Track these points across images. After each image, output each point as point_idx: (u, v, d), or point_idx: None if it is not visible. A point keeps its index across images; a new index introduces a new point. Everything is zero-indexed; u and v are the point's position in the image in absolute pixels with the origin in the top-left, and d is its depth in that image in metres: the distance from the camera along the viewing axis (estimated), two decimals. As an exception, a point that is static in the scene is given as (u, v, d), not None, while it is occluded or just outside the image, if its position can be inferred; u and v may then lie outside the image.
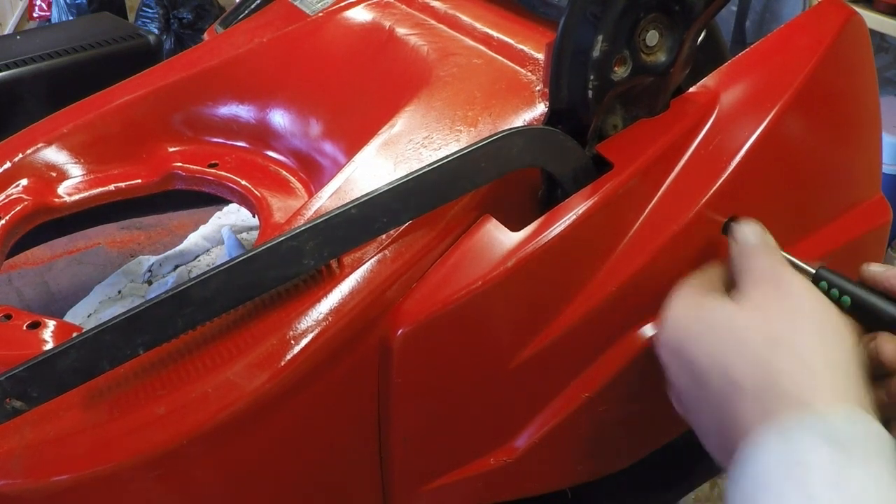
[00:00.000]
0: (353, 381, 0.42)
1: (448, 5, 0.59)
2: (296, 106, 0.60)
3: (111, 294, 0.80)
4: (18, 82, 0.87)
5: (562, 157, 0.45)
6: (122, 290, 0.80)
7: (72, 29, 1.03)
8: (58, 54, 0.90)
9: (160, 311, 0.38)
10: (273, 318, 0.41)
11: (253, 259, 0.39)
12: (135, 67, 0.66)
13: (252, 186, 0.57)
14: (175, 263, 0.83)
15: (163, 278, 0.82)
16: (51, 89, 0.88)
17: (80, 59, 0.91)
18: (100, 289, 0.81)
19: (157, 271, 0.83)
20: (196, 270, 0.82)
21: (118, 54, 0.94)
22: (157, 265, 0.83)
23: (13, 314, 0.49)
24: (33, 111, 0.85)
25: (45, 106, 0.86)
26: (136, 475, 0.38)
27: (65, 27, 1.18)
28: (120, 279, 0.82)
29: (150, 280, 0.82)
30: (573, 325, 0.45)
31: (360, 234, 0.41)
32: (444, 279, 0.43)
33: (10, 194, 0.57)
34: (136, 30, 0.98)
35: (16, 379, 0.37)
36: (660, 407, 0.50)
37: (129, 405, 0.39)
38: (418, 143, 0.47)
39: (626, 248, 0.45)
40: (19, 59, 0.88)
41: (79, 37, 0.94)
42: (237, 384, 0.39)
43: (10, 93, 0.87)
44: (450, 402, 0.45)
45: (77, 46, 0.92)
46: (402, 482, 0.45)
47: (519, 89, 0.49)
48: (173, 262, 0.83)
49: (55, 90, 0.88)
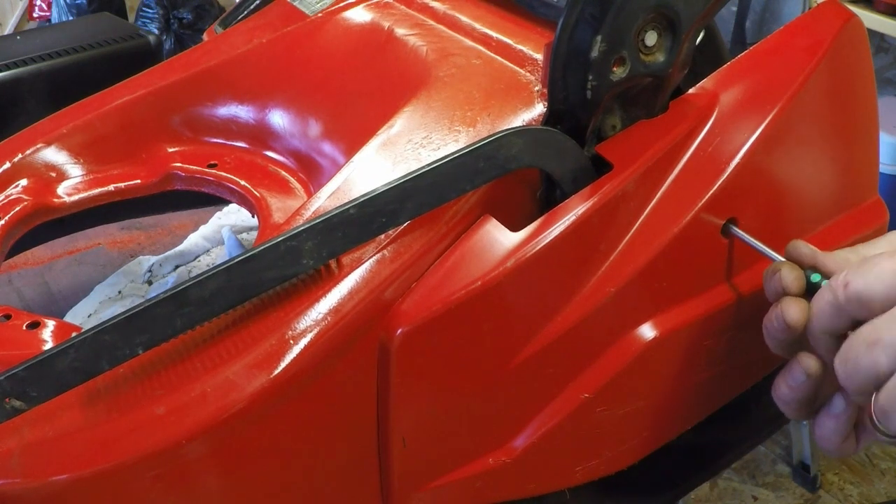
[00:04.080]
0: (351, 382, 0.42)
1: (447, 6, 0.59)
2: (295, 106, 0.60)
3: (111, 294, 0.80)
4: (18, 82, 0.87)
5: (561, 158, 0.45)
6: (122, 291, 0.80)
7: (72, 29, 1.03)
8: (58, 54, 0.90)
9: (159, 310, 0.38)
10: (272, 318, 0.41)
11: (252, 259, 0.40)
12: (135, 67, 0.66)
13: (251, 187, 0.57)
14: (175, 264, 0.83)
15: (163, 278, 0.82)
16: (51, 89, 0.88)
17: (80, 59, 0.91)
18: (100, 289, 0.81)
19: (157, 271, 0.83)
20: (196, 271, 0.82)
21: (118, 54, 0.93)
22: (157, 265, 0.83)
23: (12, 314, 0.49)
24: (33, 111, 0.86)
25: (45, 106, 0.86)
26: (135, 475, 0.38)
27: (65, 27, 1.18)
28: (120, 279, 0.82)
29: (150, 280, 0.82)
30: (572, 326, 0.45)
31: (359, 234, 0.41)
32: (443, 279, 0.43)
33: (9, 194, 0.57)
34: (136, 30, 0.98)
35: (15, 378, 0.37)
36: (658, 407, 0.50)
37: (128, 405, 0.39)
38: (417, 143, 0.47)
39: (625, 249, 0.45)
40: (19, 59, 0.88)
41: (79, 37, 0.94)
42: (236, 384, 0.39)
43: (10, 93, 0.87)
44: (449, 403, 0.45)
45: (77, 46, 0.92)
46: (400, 482, 0.45)
47: (518, 89, 0.49)
48: (173, 263, 0.83)
49: (55, 90, 0.88)
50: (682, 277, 0.48)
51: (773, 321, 0.42)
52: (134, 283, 0.82)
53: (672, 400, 0.50)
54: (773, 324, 0.42)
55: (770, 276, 0.43)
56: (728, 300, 0.49)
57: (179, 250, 0.84)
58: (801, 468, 1.23)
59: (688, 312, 0.48)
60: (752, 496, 1.27)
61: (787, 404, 0.43)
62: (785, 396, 0.43)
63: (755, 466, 1.34)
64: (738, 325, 0.50)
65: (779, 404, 0.44)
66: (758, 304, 0.45)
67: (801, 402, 0.43)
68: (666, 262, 0.46)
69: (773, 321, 0.42)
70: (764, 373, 0.54)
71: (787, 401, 0.43)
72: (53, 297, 0.80)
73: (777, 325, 0.41)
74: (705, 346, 0.49)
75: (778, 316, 0.41)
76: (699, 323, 0.48)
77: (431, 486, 0.46)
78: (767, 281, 0.43)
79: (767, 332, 0.43)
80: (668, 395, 0.50)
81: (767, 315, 0.43)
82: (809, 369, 0.41)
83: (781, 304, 0.41)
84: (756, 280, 0.46)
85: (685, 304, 0.48)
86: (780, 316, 0.41)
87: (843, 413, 0.41)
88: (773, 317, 0.42)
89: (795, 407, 0.43)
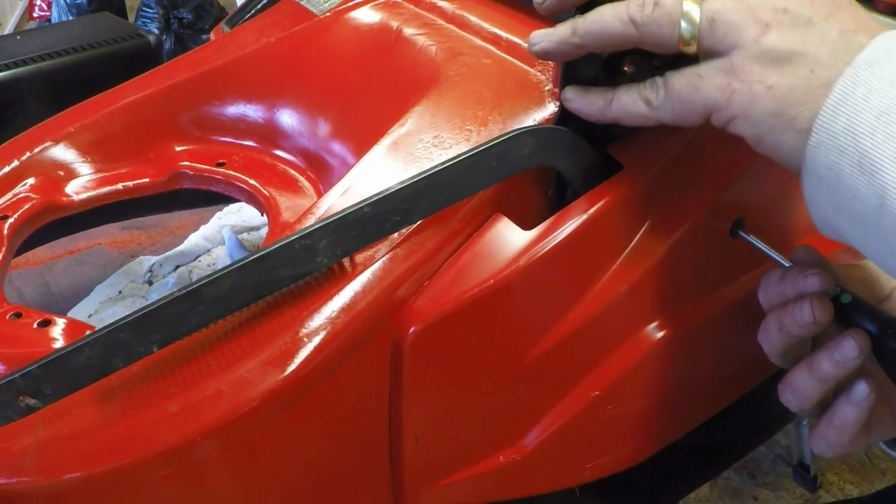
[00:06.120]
0: (364, 379, 0.42)
1: (455, 5, 0.59)
2: (304, 105, 0.60)
3: (111, 294, 0.80)
4: (18, 82, 0.87)
5: (572, 157, 0.45)
6: (122, 291, 0.80)
7: (72, 29, 1.03)
8: (58, 54, 0.90)
9: (174, 308, 0.38)
10: (286, 316, 0.41)
11: (266, 257, 0.40)
12: (135, 67, 0.66)
13: (260, 185, 0.57)
14: (176, 264, 0.83)
15: (163, 279, 0.82)
16: (51, 89, 0.88)
17: (80, 59, 0.91)
18: (100, 289, 0.81)
19: (157, 272, 0.83)
20: (196, 271, 0.82)
21: (118, 54, 0.93)
22: (157, 265, 0.83)
23: (23, 312, 0.49)
24: (33, 111, 0.86)
25: (45, 106, 0.86)
26: (149, 472, 0.38)
27: (65, 27, 1.18)
28: (120, 279, 0.82)
29: (150, 280, 0.82)
30: (583, 324, 0.45)
31: (373, 232, 0.41)
32: (455, 277, 0.43)
33: (17, 193, 0.57)
34: (136, 30, 0.98)
35: (30, 376, 0.37)
36: (667, 405, 0.50)
37: (142, 403, 0.39)
38: (428, 142, 0.48)
39: (635, 248, 0.46)
40: (19, 59, 0.88)
41: (79, 37, 0.94)
42: (251, 382, 0.39)
43: (10, 93, 0.86)
44: (460, 401, 0.45)
45: (77, 46, 0.92)
46: (411, 480, 0.46)
47: (529, 89, 0.49)
48: (174, 263, 0.83)
49: (55, 90, 0.88)
50: (691, 276, 0.48)
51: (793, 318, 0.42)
52: (134, 283, 0.82)
53: (681, 398, 0.51)
54: (793, 321, 0.42)
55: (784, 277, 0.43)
56: (736, 299, 0.49)
57: (180, 250, 0.84)
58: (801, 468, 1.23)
59: (697, 311, 0.48)
60: (752, 496, 1.27)
61: (804, 396, 0.43)
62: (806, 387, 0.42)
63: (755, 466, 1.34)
64: (747, 323, 0.50)
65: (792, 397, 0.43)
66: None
67: (824, 392, 0.42)
68: (675, 262, 0.46)
69: (795, 318, 0.41)
70: (771, 371, 0.54)
71: (806, 392, 0.42)
72: (54, 297, 0.80)
73: (800, 321, 0.41)
74: (714, 344, 0.50)
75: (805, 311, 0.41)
76: (708, 321, 0.49)
77: (442, 484, 0.46)
78: (776, 283, 0.43)
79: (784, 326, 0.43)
80: (677, 393, 0.50)
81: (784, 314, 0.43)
82: (863, 345, 0.41)
83: (815, 301, 0.41)
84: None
85: (694, 302, 0.48)
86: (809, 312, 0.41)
87: (864, 400, 0.41)
88: (796, 314, 0.41)
89: (815, 398, 0.43)
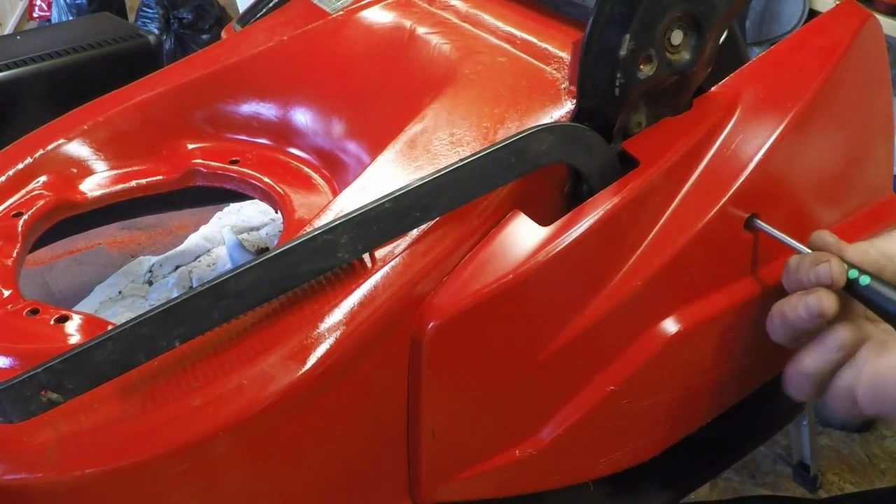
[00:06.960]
0: (383, 374, 0.43)
1: (469, 4, 0.59)
2: (318, 104, 0.60)
3: (111, 294, 0.80)
4: (18, 82, 0.87)
5: (589, 154, 0.45)
6: (122, 291, 0.81)
7: (72, 29, 1.03)
8: (58, 54, 0.90)
9: (197, 303, 0.39)
10: (306, 311, 0.41)
11: (288, 252, 0.40)
12: (135, 67, 0.67)
13: (274, 183, 0.58)
14: (175, 264, 0.84)
15: (163, 279, 0.82)
16: (51, 89, 0.88)
17: (80, 59, 0.91)
18: (100, 289, 0.81)
19: (157, 272, 0.83)
20: (196, 271, 0.83)
21: (118, 54, 0.93)
22: (157, 265, 0.83)
23: (40, 308, 0.49)
24: (33, 111, 0.85)
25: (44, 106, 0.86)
26: (170, 466, 0.38)
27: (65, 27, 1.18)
28: (120, 279, 0.82)
29: (150, 280, 0.82)
30: (599, 319, 0.45)
31: (394, 228, 0.42)
32: (474, 273, 0.43)
33: (31, 190, 0.57)
34: (136, 30, 0.98)
35: (52, 371, 0.37)
36: (681, 400, 0.51)
37: (163, 397, 0.39)
38: (446, 139, 0.48)
39: (651, 243, 0.46)
40: (19, 59, 0.88)
41: (79, 37, 0.94)
42: (272, 376, 0.39)
43: (10, 93, 0.86)
44: (478, 395, 0.45)
45: (77, 46, 0.91)
46: (428, 474, 0.46)
47: (544, 87, 0.50)
48: (174, 263, 0.83)
49: (55, 90, 0.88)
50: (706, 271, 0.48)
51: (798, 309, 0.43)
52: (134, 283, 0.82)
53: (695, 392, 0.51)
54: (798, 311, 0.43)
55: (799, 265, 0.44)
56: (750, 294, 0.50)
57: (180, 250, 0.85)
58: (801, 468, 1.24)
59: (711, 306, 0.49)
60: (752, 496, 1.27)
61: (808, 377, 0.44)
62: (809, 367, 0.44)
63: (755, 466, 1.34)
64: (761, 318, 0.50)
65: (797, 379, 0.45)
66: (780, 297, 0.46)
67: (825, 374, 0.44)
68: (690, 257, 0.47)
69: (801, 309, 0.43)
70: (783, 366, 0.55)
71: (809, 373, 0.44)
72: (54, 298, 0.80)
73: (805, 313, 0.42)
74: (728, 339, 0.50)
75: (811, 304, 0.42)
76: (722, 316, 0.49)
77: (458, 478, 0.47)
78: (794, 270, 0.44)
79: (786, 318, 0.44)
80: (691, 388, 0.51)
81: (788, 302, 0.44)
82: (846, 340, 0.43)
83: (820, 294, 0.42)
84: (777, 274, 0.47)
85: (709, 297, 0.49)
86: (814, 305, 0.42)
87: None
88: (802, 305, 0.43)
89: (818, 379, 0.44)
